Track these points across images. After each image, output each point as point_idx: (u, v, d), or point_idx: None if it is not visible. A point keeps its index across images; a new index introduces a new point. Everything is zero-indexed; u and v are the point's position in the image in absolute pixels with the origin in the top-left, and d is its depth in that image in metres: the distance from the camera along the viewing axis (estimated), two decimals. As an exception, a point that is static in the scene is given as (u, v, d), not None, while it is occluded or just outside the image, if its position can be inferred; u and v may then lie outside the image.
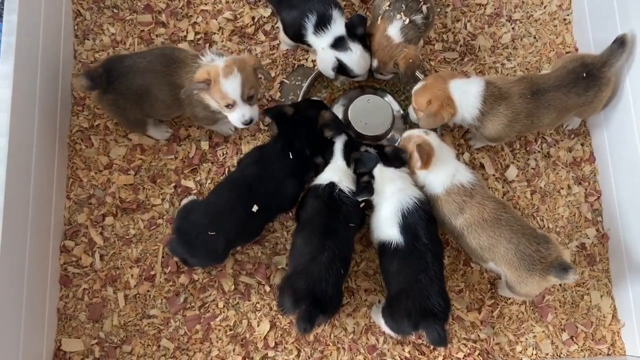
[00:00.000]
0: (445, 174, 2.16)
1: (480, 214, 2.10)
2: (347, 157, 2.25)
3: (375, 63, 2.39)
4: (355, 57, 2.33)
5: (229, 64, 2.10)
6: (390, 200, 2.15)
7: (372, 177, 2.22)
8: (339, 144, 2.28)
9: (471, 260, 2.37)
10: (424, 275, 2.03)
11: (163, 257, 2.33)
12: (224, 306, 2.30)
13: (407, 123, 2.52)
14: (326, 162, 2.27)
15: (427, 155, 2.15)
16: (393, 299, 2.09)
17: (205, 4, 2.65)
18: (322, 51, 2.36)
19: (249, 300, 2.31)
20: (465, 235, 2.13)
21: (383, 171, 2.21)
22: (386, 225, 2.13)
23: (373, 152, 2.26)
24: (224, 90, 2.09)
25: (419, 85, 2.31)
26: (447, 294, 2.06)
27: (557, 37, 2.72)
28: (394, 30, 2.31)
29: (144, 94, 2.20)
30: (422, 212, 2.12)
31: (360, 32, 2.34)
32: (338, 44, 2.32)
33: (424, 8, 2.32)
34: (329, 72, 2.39)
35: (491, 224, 2.08)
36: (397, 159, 2.22)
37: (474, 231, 2.11)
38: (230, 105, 2.14)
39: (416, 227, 2.09)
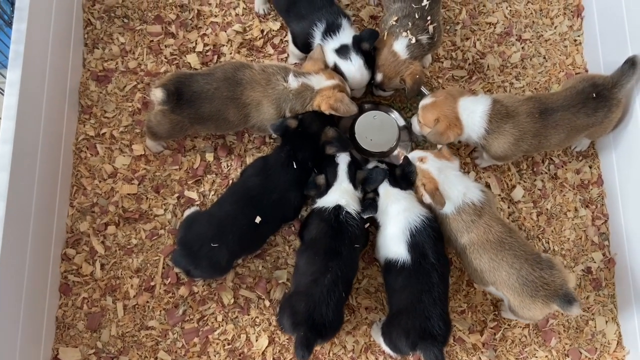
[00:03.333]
0: (454, 196, 2.11)
1: (486, 235, 2.07)
2: (352, 178, 2.21)
3: (379, 77, 2.37)
4: (352, 69, 2.31)
5: (330, 75, 2.28)
6: (397, 219, 2.12)
7: (377, 194, 2.19)
8: (342, 165, 2.22)
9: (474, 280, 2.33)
10: (427, 296, 1.99)
11: (164, 268, 2.33)
12: (222, 320, 2.28)
13: (413, 140, 2.50)
14: (328, 184, 2.21)
15: (433, 193, 2.10)
16: (394, 317, 2.06)
17: (215, 16, 2.66)
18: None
19: (248, 315, 2.29)
20: (467, 255, 2.11)
21: (388, 190, 2.18)
22: (393, 243, 2.10)
23: (383, 167, 2.23)
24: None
25: (427, 100, 2.29)
26: (449, 317, 2.02)
27: (567, 58, 2.70)
28: (399, 47, 2.30)
29: (211, 118, 2.26)
30: (431, 230, 2.09)
31: (365, 47, 2.32)
32: (341, 51, 2.31)
33: (431, 28, 2.31)
34: None
35: (494, 245, 2.05)
36: (404, 181, 2.18)
37: (475, 251, 2.08)
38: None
39: (424, 245, 2.06)
